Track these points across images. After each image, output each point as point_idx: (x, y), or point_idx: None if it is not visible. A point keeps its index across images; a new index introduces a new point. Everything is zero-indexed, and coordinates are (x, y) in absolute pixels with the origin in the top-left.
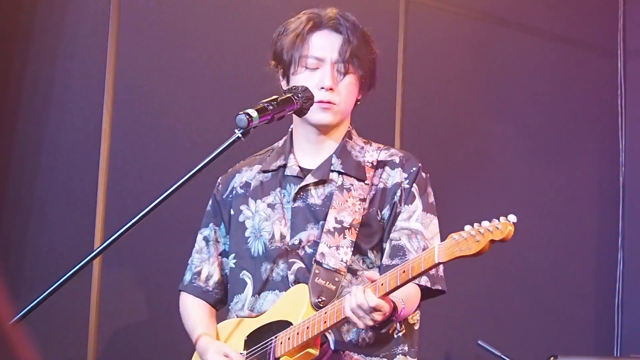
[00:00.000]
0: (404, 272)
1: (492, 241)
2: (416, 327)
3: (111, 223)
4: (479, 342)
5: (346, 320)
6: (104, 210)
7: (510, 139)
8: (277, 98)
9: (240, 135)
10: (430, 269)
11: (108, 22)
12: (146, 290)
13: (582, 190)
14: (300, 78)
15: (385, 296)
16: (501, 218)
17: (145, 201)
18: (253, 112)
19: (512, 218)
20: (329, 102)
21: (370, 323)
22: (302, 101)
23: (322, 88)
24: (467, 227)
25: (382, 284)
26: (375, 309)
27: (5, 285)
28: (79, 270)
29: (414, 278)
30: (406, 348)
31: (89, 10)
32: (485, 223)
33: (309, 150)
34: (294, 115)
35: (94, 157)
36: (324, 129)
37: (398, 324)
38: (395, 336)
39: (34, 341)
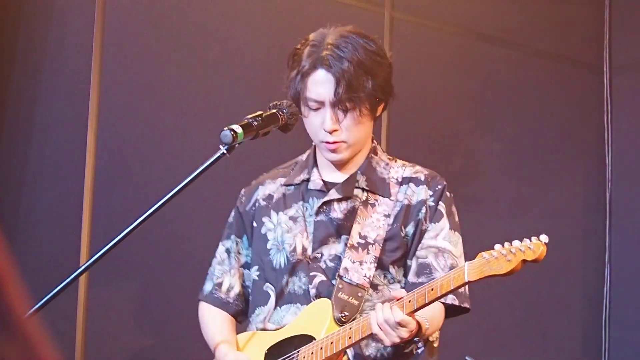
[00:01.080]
0: (432, 289)
1: (524, 261)
2: (435, 345)
3: (97, 241)
4: (466, 357)
5: (371, 336)
6: (89, 228)
7: (496, 155)
8: (262, 114)
9: (225, 152)
10: (459, 287)
11: (92, 39)
12: (133, 307)
13: (569, 206)
14: (308, 119)
15: (412, 314)
16: (533, 238)
17: (131, 218)
18: (238, 128)
19: (544, 238)
20: (334, 143)
21: (397, 340)
22: (287, 117)
23: (325, 130)
24: (497, 246)
25: (409, 301)
26: (401, 325)
27: (20, 280)
28: (65, 288)
29: (442, 296)
30: None
31: (72, 27)
32: (516, 242)
33: (332, 167)
34: None
35: (79, 175)
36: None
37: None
38: (415, 353)
39: None
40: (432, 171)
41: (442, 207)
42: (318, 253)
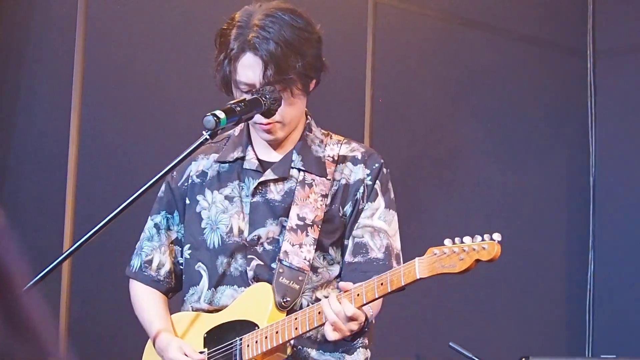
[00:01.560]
0: (381, 284)
1: (477, 260)
2: (373, 321)
3: (80, 227)
4: (450, 343)
5: (318, 328)
6: (72, 214)
7: (480, 140)
8: (244, 99)
9: (207, 137)
10: (410, 284)
11: (75, 26)
12: (116, 294)
13: (552, 191)
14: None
15: (360, 307)
16: (485, 236)
17: (114, 205)
18: (220, 114)
19: (497, 237)
20: (268, 124)
21: (348, 334)
22: (270, 102)
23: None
24: (448, 242)
25: (358, 295)
26: (352, 319)
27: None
28: (48, 274)
29: (392, 292)
30: (366, 341)
31: (55, 14)
32: (467, 239)
33: (267, 145)
34: None
35: (62, 161)
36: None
37: None
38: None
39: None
40: (369, 148)
41: (378, 185)
42: (255, 236)
